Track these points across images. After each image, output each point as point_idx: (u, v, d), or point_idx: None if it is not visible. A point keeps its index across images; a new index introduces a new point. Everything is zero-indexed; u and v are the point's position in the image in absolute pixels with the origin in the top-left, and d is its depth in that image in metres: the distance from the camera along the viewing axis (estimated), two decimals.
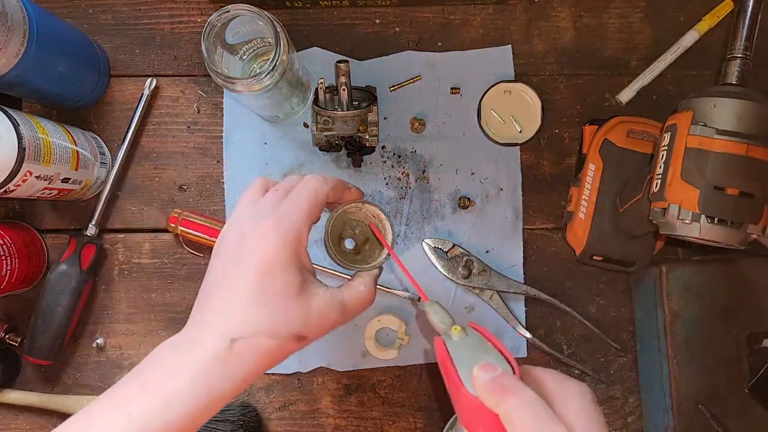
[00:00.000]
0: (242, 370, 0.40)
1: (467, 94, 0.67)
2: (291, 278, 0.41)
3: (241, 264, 0.41)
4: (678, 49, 0.65)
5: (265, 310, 0.40)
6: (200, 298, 0.43)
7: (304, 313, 0.42)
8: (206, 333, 0.40)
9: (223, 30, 0.54)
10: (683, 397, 0.59)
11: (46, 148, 0.56)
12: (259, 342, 0.40)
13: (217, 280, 0.42)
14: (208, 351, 0.39)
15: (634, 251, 0.62)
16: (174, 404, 0.38)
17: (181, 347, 0.40)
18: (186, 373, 0.39)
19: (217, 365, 0.39)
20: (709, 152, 0.45)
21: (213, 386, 0.39)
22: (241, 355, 0.40)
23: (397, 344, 0.65)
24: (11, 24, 0.50)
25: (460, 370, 0.38)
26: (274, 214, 0.42)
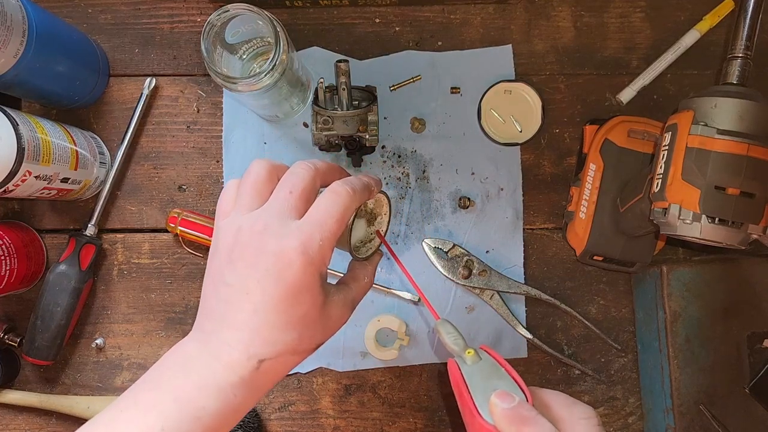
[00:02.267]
0: (266, 385, 0.41)
1: (467, 94, 0.67)
2: (315, 299, 0.41)
3: (266, 283, 0.39)
4: (678, 48, 0.65)
5: (291, 333, 0.40)
6: (213, 308, 0.41)
7: (326, 325, 0.42)
8: (231, 351, 0.39)
9: (222, 29, 0.54)
10: (683, 397, 0.59)
11: (46, 147, 0.56)
12: (284, 360, 0.40)
13: (236, 296, 0.40)
14: (238, 372, 0.39)
15: (635, 251, 0.62)
16: (202, 419, 0.38)
17: (207, 361, 0.40)
18: (216, 391, 0.39)
19: (244, 386, 0.39)
20: (710, 152, 0.45)
21: (239, 404, 0.40)
22: (268, 373, 0.40)
23: (397, 344, 0.64)
24: (10, 24, 0.50)
25: (475, 396, 0.40)
26: (301, 235, 0.40)
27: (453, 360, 0.43)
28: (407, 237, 0.67)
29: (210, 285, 0.42)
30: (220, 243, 0.42)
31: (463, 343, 0.44)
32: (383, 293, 0.66)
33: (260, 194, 0.43)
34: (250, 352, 0.39)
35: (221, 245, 0.42)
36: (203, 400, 0.38)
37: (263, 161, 0.44)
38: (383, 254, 0.52)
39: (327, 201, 0.42)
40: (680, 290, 0.60)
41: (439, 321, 0.46)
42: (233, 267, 0.41)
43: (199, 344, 0.41)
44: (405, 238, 0.67)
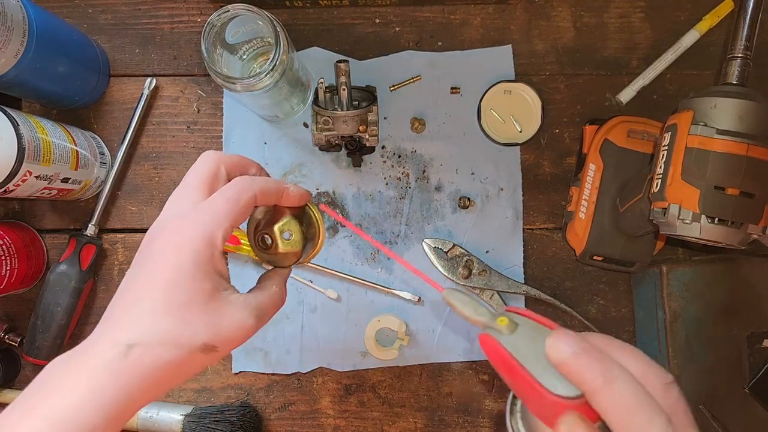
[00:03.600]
0: (139, 382, 0.35)
1: (467, 94, 0.67)
2: (199, 286, 0.37)
3: (147, 271, 0.38)
4: (678, 48, 0.65)
5: (167, 319, 0.36)
6: (107, 310, 0.39)
7: (213, 322, 0.38)
8: (99, 342, 0.35)
9: (222, 30, 0.54)
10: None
11: (46, 147, 0.56)
12: (157, 351, 0.35)
13: (123, 287, 0.38)
14: (98, 361, 0.34)
15: (635, 251, 0.62)
16: (58, 428, 0.33)
17: (71, 361, 0.35)
18: (75, 391, 0.34)
19: (110, 377, 0.34)
20: (710, 152, 0.45)
21: (104, 402, 0.34)
22: (137, 364, 0.35)
23: (397, 344, 0.65)
24: (11, 24, 0.50)
25: (531, 368, 0.32)
26: (183, 218, 0.39)
27: (486, 334, 0.35)
28: (407, 237, 0.67)
29: None
30: None
31: (488, 311, 0.37)
32: (383, 293, 0.66)
33: None
34: (118, 339, 0.35)
35: None
36: (63, 404, 0.33)
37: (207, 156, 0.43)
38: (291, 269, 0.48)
39: (221, 190, 0.40)
40: (680, 290, 0.60)
41: (446, 291, 0.39)
42: (132, 265, 0.39)
43: (71, 350, 0.36)
44: (405, 238, 0.67)
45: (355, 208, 0.67)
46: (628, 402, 0.30)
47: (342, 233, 0.67)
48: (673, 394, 0.33)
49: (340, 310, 0.66)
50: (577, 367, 0.31)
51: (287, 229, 0.45)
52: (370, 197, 0.67)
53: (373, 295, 0.66)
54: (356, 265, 0.67)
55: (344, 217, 0.67)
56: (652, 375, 0.33)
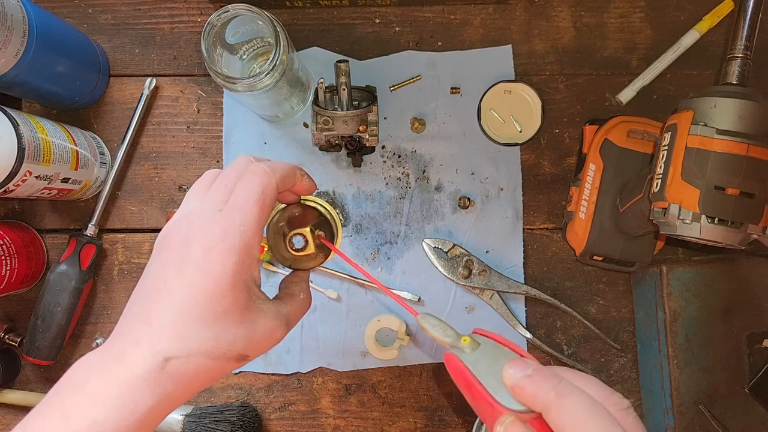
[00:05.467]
0: (175, 391, 0.35)
1: (467, 94, 0.67)
2: (238, 296, 0.37)
3: (184, 273, 0.36)
4: (678, 49, 0.65)
5: (206, 330, 0.36)
6: (132, 304, 0.38)
7: (249, 333, 0.38)
8: (135, 349, 0.35)
9: (222, 30, 0.54)
10: (683, 397, 0.59)
11: (46, 148, 0.56)
12: (196, 362, 0.36)
13: (155, 286, 0.37)
14: (136, 371, 0.34)
15: (635, 251, 0.62)
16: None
17: (105, 365, 0.35)
18: (111, 398, 0.34)
19: (147, 388, 0.34)
20: (710, 152, 0.45)
21: (142, 411, 0.34)
22: (174, 375, 0.35)
23: (397, 344, 0.65)
24: (11, 24, 0.50)
25: (487, 384, 0.34)
26: (222, 221, 0.37)
27: (450, 353, 0.38)
28: (407, 237, 0.67)
29: (137, 284, 0.39)
30: (160, 233, 0.40)
31: (454, 332, 0.39)
32: (383, 293, 0.66)
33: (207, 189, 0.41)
34: (156, 348, 0.35)
35: (159, 235, 0.40)
36: (95, 411, 0.33)
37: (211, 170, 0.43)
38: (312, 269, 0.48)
39: (244, 183, 0.39)
40: (680, 290, 0.60)
41: (420, 316, 0.41)
42: (158, 257, 0.38)
43: (102, 352, 0.36)
44: (405, 238, 0.67)
45: (355, 208, 0.67)
46: (582, 414, 0.30)
47: (342, 233, 0.67)
48: (630, 419, 0.32)
49: (340, 310, 0.66)
50: (530, 386, 0.31)
51: (319, 230, 0.46)
52: (370, 197, 0.67)
53: (373, 295, 0.66)
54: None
55: (345, 216, 0.67)
56: (610, 401, 0.33)
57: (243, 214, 0.38)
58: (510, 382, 0.33)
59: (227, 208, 0.38)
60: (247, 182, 0.39)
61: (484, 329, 0.39)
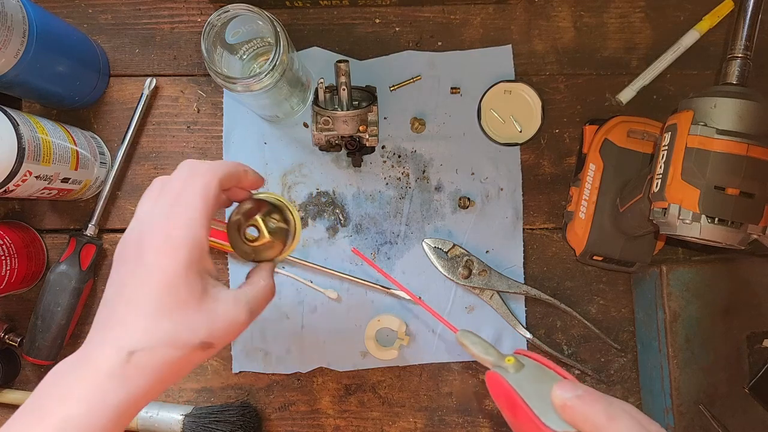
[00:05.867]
0: (144, 383, 0.37)
1: (467, 94, 0.67)
2: (193, 286, 0.39)
3: (140, 275, 0.39)
4: (678, 48, 0.65)
5: (167, 322, 0.38)
6: (99, 314, 0.40)
7: (209, 319, 0.39)
8: (102, 348, 0.37)
9: (222, 30, 0.54)
10: (683, 397, 0.59)
11: (46, 148, 0.56)
12: (160, 353, 0.37)
13: (117, 293, 0.39)
14: (103, 367, 0.36)
15: (635, 251, 0.62)
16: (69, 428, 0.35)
17: (75, 368, 0.37)
18: (81, 395, 0.36)
19: (114, 382, 0.36)
20: (710, 152, 0.45)
21: (112, 405, 0.36)
22: (140, 367, 0.37)
23: (397, 344, 0.65)
24: (11, 24, 0.50)
25: (534, 406, 0.35)
26: (169, 220, 0.40)
27: (493, 372, 0.38)
28: (407, 237, 0.67)
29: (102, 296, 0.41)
30: (118, 246, 0.42)
31: (496, 351, 0.40)
32: (383, 293, 0.66)
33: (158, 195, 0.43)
34: (120, 344, 0.37)
35: (117, 248, 0.42)
36: (67, 409, 0.35)
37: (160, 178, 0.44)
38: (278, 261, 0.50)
39: (188, 182, 0.41)
40: (680, 290, 0.60)
41: (460, 332, 0.43)
42: (116, 268, 0.41)
43: (72, 357, 0.38)
44: (405, 238, 0.67)
45: (355, 208, 0.67)
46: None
47: (342, 233, 0.67)
48: None
49: (340, 310, 0.66)
50: (581, 407, 0.32)
51: (270, 218, 0.48)
52: (370, 197, 0.67)
53: (373, 295, 0.66)
54: (356, 265, 0.67)
55: (345, 216, 0.67)
56: (652, 428, 0.34)
57: (188, 210, 0.40)
58: (560, 402, 0.33)
59: (173, 208, 0.40)
60: (190, 181, 0.41)
61: (525, 350, 0.40)
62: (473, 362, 0.66)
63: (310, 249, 0.67)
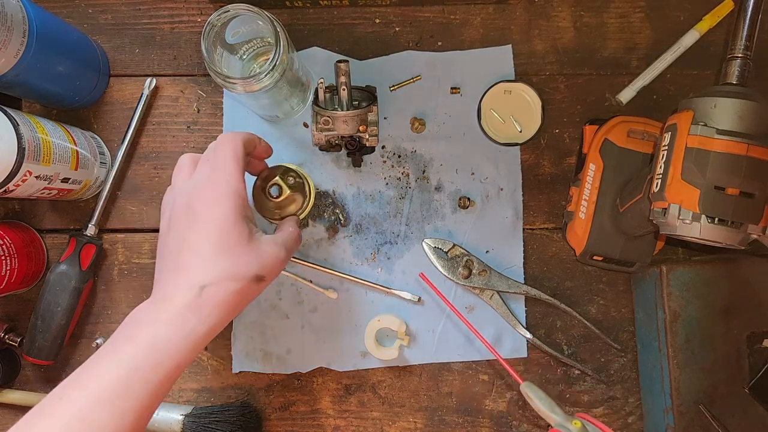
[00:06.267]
0: (213, 311, 0.45)
1: (467, 94, 0.67)
2: (242, 229, 0.47)
3: (197, 227, 0.47)
4: (678, 49, 0.65)
5: (225, 260, 0.46)
6: (161, 265, 0.48)
7: (258, 257, 0.48)
8: (175, 288, 0.45)
9: (222, 30, 0.54)
10: (683, 397, 0.59)
11: (46, 148, 0.56)
12: (224, 286, 0.45)
13: (177, 245, 0.47)
14: (181, 301, 0.44)
15: (635, 251, 0.62)
16: (157, 348, 0.43)
17: (155, 306, 0.45)
18: (166, 320, 0.44)
19: (190, 311, 0.44)
20: (710, 152, 0.45)
21: (189, 330, 0.44)
22: (210, 298, 0.45)
23: (397, 344, 0.65)
24: (11, 24, 0.50)
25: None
26: (211, 180, 0.48)
27: (557, 430, 0.42)
28: (407, 237, 0.67)
29: (158, 258, 0.49)
30: (162, 218, 0.51)
31: (562, 411, 0.44)
32: (383, 293, 0.66)
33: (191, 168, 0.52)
34: (191, 282, 0.45)
35: (162, 220, 0.50)
36: (153, 332, 0.43)
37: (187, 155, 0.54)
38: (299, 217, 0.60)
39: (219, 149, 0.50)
40: (680, 290, 0.60)
41: (526, 384, 0.45)
42: (171, 230, 0.48)
43: (149, 300, 0.46)
44: (405, 238, 0.67)
45: (355, 208, 0.67)
46: None
47: (342, 233, 0.67)
48: None
49: (340, 310, 0.66)
50: None
51: (288, 176, 0.59)
52: (370, 197, 0.67)
53: (373, 295, 0.66)
54: (356, 265, 0.67)
55: (345, 216, 0.67)
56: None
57: (225, 169, 0.49)
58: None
59: (213, 171, 0.49)
60: (220, 147, 0.50)
61: (587, 415, 0.44)
62: (473, 362, 0.66)
63: (310, 249, 0.67)
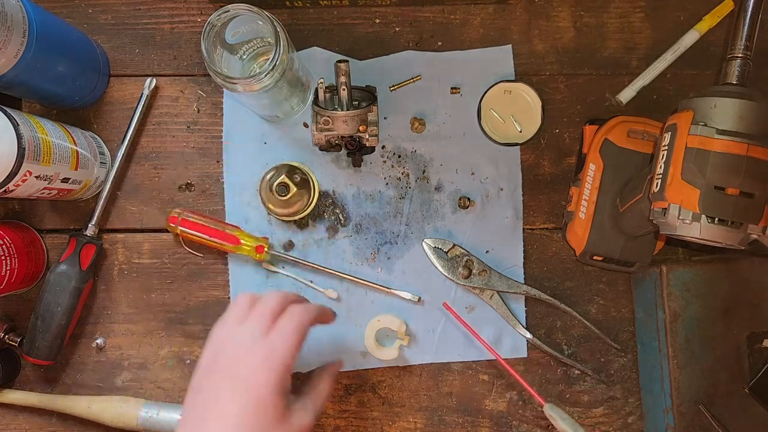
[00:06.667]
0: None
1: (467, 94, 0.67)
2: (279, 406, 0.46)
3: (236, 391, 0.45)
4: (678, 49, 0.65)
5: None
6: (190, 413, 0.47)
7: (289, 430, 0.47)
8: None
9: (222, 30, 0.54)
10: (683, 397, 0.59)
11: (46, 147, 0.56)
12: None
13: (209, 401, 0.46)
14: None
15: (635, 251, 0.62)
16: None
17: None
18: None
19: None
20: (710, 152, 0.45)
21: None
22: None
23: (397, 344, 0.65)
24: (11, 24, 0.50)
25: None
26: (266, 346, 0.47)
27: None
28: (407, 237, 0.67)
29: (190, 393, 0.48)
30: (206, 352, 0.49)
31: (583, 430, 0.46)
32: (383, 293, 0.66)
33: (245, 313, 0.50)
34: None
35: (205, 355, 0.49)
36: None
37: (275, 294, 0.52)
38: (342, 365, 0.61)
39: (287, 319, 0.50)
40: (680, 290, 0.60)
41: (549, 406, 0.47)
42: (209, 377, 0.47)
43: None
44: (405, 238, 0.67)
45: (355, 208, 0.67)
46: None
47: (342, 233, 0.67)
48: None
49: (340, 310, 0.66)
50: None
51: (294, 174, 0.63)
52: (370, 197, 0.67)
53: (373, 295, 0.66)
54: (356, 265, 0.67)
55: (345, 216, 0.67)
56: None
57: (285, 341, 0.48)
58: None
59: (271, 336, 0.48)
60: (289, 317, 0.50)
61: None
62: (473, 362, 0.66)
63: (310, 249, 0.67)
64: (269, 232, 0.66)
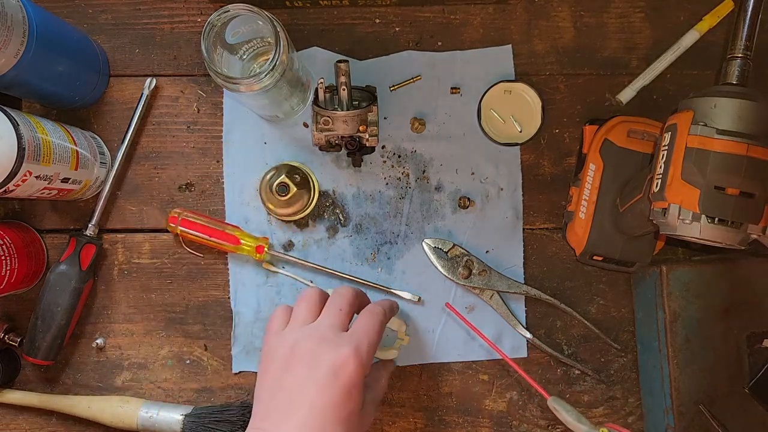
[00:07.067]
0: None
1: (467, 94, 0.67)
2: (358, 399, 0.49)
3: (323, 384, 0.47)
4: (678, 49, 0.65)
5: (339, 427, 0.47)
6: (273, 408, 0.48)
7: (362, 422, 0.50)
8: None
9: (222, 30, 0.54)
10: (683, 397, 0.59)
11: (46, 148, 0.56)
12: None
13: (295, 395, 0.48)
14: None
15: (635, 251, 0.62)
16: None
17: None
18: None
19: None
20: (710, 152, 0.45)
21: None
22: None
23: (397, 344, 0.64)
24: (11, 24, 0.50)
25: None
26: (353, 339, 0.50)
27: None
28: (407, 237, 0.67)
29: (265, 392, 0.50)
30: (277, 354, 0.51)
31: (588, 422, 0.46)
32: (383, 293, 0.66)
33: (313, 312, 0.53)
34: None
35: (277, 356, 0.50)
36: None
37: (314, 289, 0.56)
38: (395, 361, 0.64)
39: (368, 318, 0.53)
40: (680, 290, 0.60)
41: (552, 399, 0.48)
42: (291, 373, 0.49)
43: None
44: (405, 238, 0.67)
45: (355, 208, 0.67)
46: None
47: (342, 233, 0.67)
48: None
49: None
50: None
51: (294, 174, 0.63)
52: (370, 197, 0.67)
53: (373, 295, 0.66)
54: (356, 265, 0.67)
55: (345, 216, 0.67)
56: None
57: (369, 335, 0.51)
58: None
59: (355, 333, 0.51)
60: (370, 316, 0.53)
61: (616, 425, 0.46)
62: (473, 362, 0.66)
63: (310, 249, 0.67)
64: (269, 232, 0.66)
